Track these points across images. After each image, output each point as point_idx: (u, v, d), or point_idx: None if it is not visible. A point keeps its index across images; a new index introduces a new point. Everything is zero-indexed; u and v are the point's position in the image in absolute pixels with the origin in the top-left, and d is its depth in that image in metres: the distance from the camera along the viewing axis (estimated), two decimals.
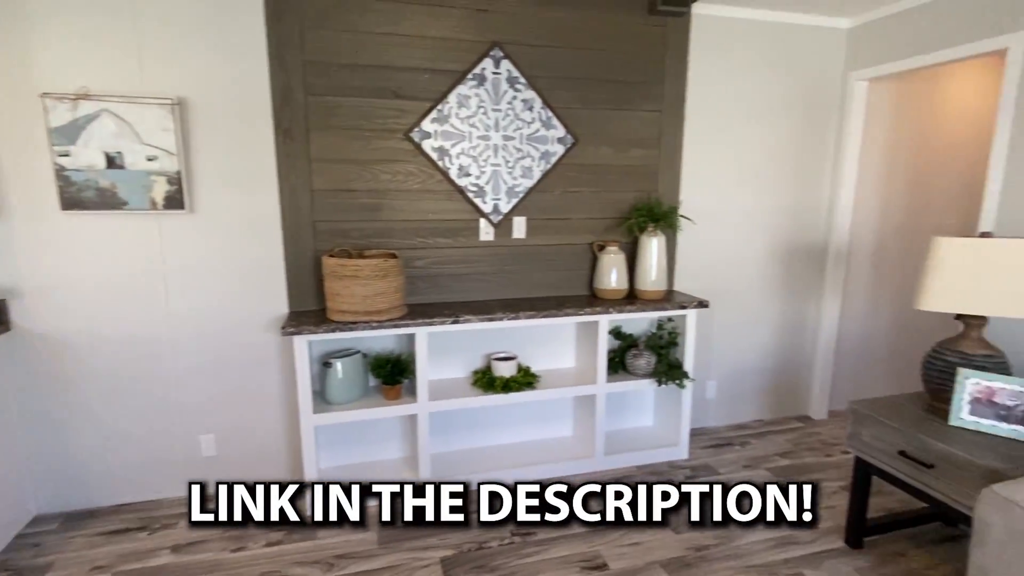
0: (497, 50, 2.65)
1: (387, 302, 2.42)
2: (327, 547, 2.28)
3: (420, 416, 2.58)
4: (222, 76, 2.39)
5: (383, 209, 2.66)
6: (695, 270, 3.22)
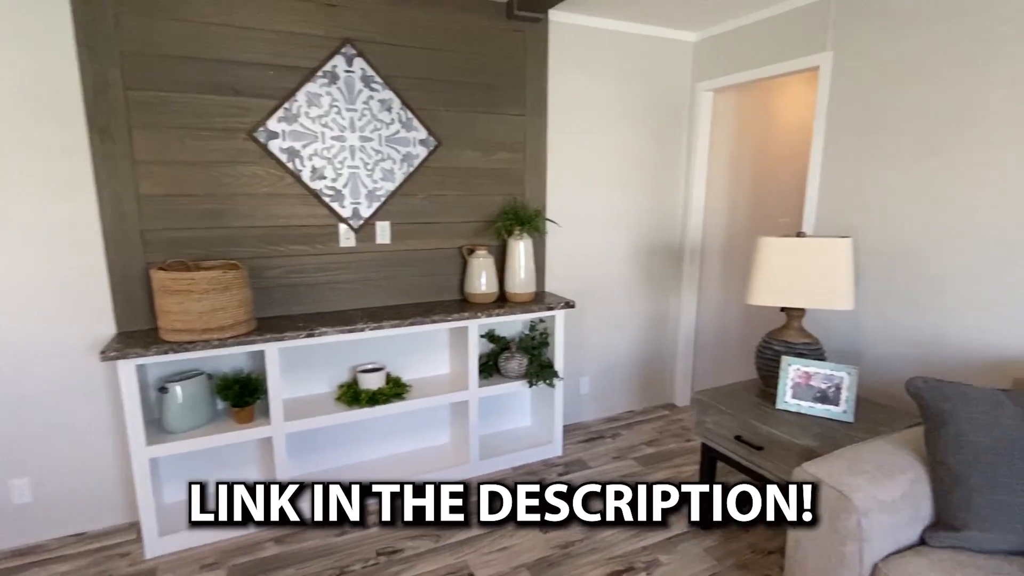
0: (349, 47, 2.53)
1: (230, 317, 2.22)
2: None
3: (275, 439, 2.41)
4: (19, 68, 2.05)
5: (227, 215, 2.45)
6: (565, 271, 3.30)
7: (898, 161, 2.37)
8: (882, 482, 1.61)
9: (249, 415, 2.42)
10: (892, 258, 2.42)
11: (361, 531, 2.42)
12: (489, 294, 2.87)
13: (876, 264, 2.48)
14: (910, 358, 2.39)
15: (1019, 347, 2.03)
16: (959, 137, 2.14)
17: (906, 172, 2.34)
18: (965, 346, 2.19)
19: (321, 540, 2.37)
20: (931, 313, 2.29)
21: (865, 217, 2.52)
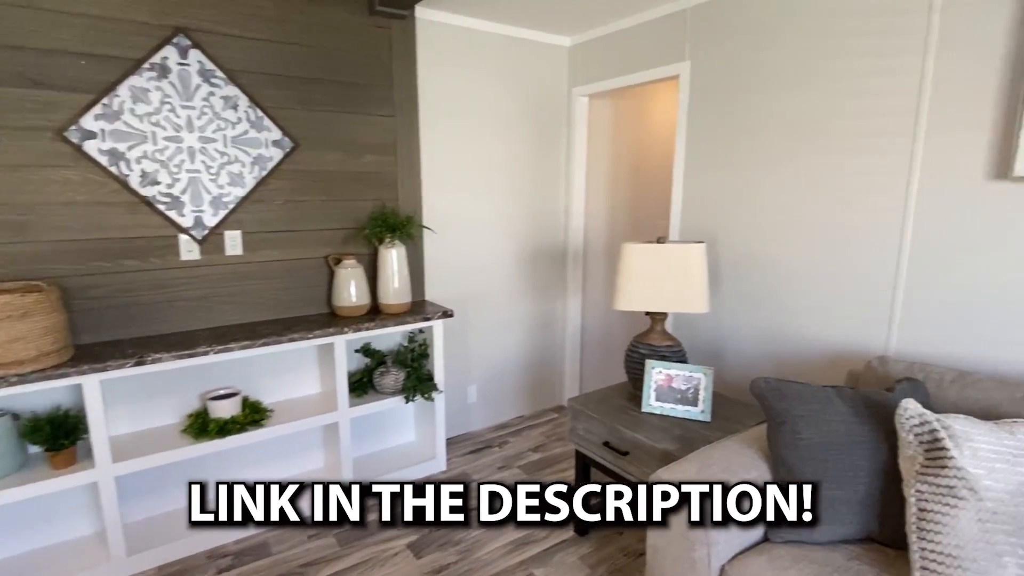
0: (182, 37, 2.26)
1: (33, 348, 1.90)
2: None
3: (102, 483, 2.09)
4: None
5: (34, 228, 2.10)
6: (447, 278, 3.20)
7: (749, 168, 2.49)
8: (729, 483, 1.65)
9: (69, 459, 2.09)
10: (746, 261, 2.54)
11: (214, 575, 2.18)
12: (359, 306, 2.69)
13: (732, 267, 2.60)
14: (763, 356, 2.52)
15: (850, 342, 2.19)
16: (804, 145, 2.28)
17: (756, 178, 2.46)
18: (809, 343, 2.33)
19: None
20: (779, 313, 2.43)
21: (722, 222, 2.63)
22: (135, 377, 2.35)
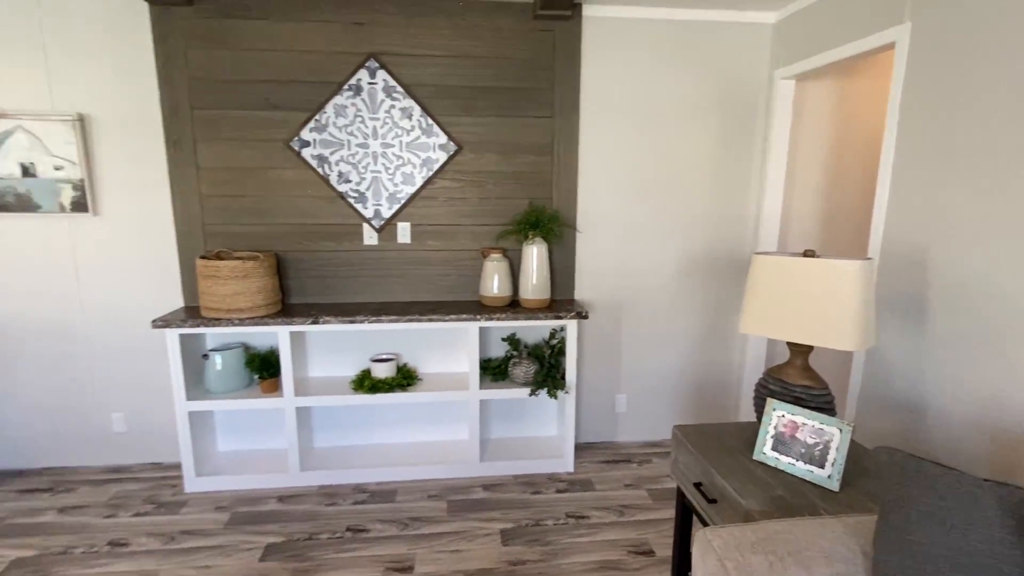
0: (372, 61, 2.74)
1: (248, 301, 2.60)
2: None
3: (287, 410, 2.74)
4: (118, 94, 2.67)
5: (269, 213, 2.85)
6: (600, 280, 3.13)
7: (988, 166, 1.79)
8: (786, 571, 1.29)
9: (273, 386, 2.79)
10: (971, 292, 1.84)
11: (348, 506, 2.64)
12: (500, 297, 2.86)
13: (950, 298, 1.91)
14: (977, 428, 1.80)
15: None
16: None
17: (1001, 182, 1.76)
18: None
19: (311, 507, 2.64)
20: (1017, 369, 1.70)
21: (941, 236, 1.95)
22: (321, 333, 2.98)
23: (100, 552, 2.31)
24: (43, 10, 2.57)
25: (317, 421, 3.07)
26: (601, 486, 2.84)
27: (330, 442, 3.10)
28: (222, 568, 2.21)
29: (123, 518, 2.54)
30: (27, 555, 2.29)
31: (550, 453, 3.03)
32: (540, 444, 3.14)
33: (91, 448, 2.99)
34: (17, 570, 2.20)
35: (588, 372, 3.23)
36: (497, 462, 2.93)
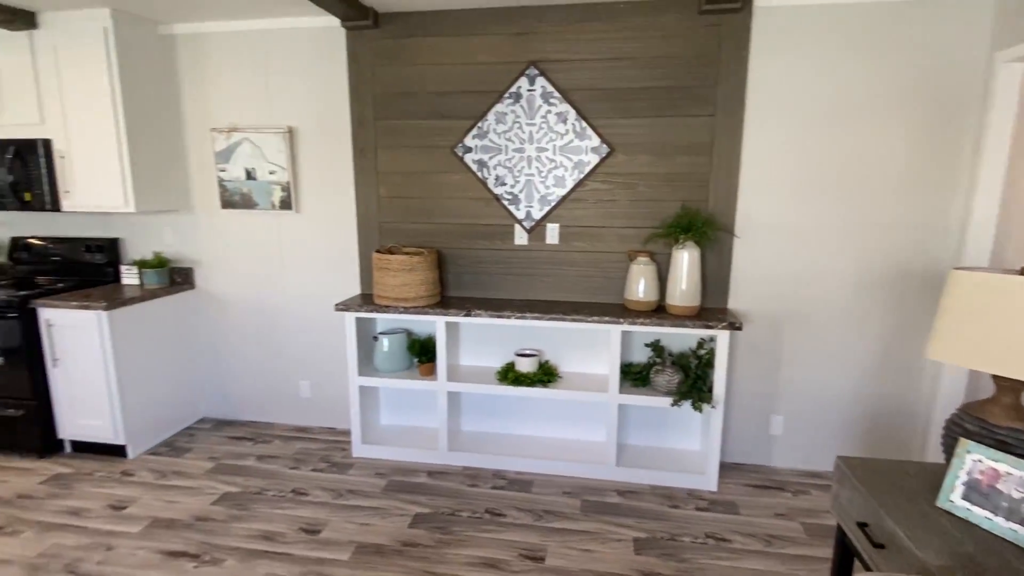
0: (532, 69, 2.86)
1: (413, 292, 2.88)
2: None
3: (439, 393, 2.98)
4: (317, 108, 3.12)
5: (433, 213, 3.12)
6: (758, 289, 2.91)
7: None
8: None
9: (429, 370, 3.06)
10: None
11: (488, 490, 2.80)
12: (645, 302, 2.81)
13: None
14: None
15: None
16: None
17: None
18: None
19: (455, 485, 2.85)
20: None
21: None
22: (472, 325, 3.18)
23: (286, 497, 2.73)
24: (268, 43, 3.10)
25: (466, 406, 3.29)
26: (747, 511, 2.65)
27: (476, 427, 3.31)
28: (377, 528, 2.49)
29: (303, 471, 2.98)
30: (233, 490, 2.79)
31: (691, 468, 2.90)
32: (680, 457, 3.02)
33: (283, 408, 3.55)
34: (226, 501, 2.69)
35: (739, 387, 3.03)
36: (634, 469, 2.89)
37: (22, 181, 3.09)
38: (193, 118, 3.26)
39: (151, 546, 2.36)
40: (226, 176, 3.25)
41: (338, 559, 2.28)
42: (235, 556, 2.29)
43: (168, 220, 3.43)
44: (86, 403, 3.03)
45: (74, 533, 2.44)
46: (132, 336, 3.07)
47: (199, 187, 3.34)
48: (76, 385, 3.02)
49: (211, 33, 3.15)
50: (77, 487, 2.81)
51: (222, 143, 3.21)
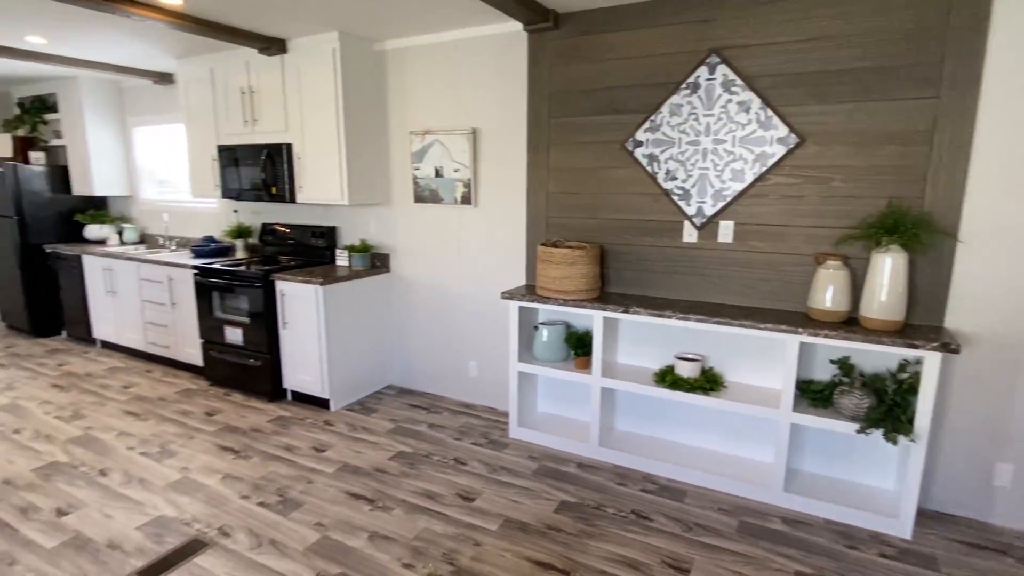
0: (713, 56, 2.70)
1: (572, 285, 2.93)
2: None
3: (593, 387, 3.00)
4: (498, 110, 3.34)
5: (599, 209, 3.14)
6: (990, 307, 2.39)
7: None
8: None
9: (585, 364, 3.10)
10: None
11: (636, 491, 2.74)
12: (833, 312, 2.49)
13: None
14: None
15: None
16: None
17: None
18: None
19: (603, 480, 2.84)
20: None
21: None
22: (631, 323, 3.12)
23: (448, 463, 3.00)
24: (459, 52, 3.40)
25: (620, 404, 3.26)
26: (950, 569, 2.20)
27: (629, 426, 3.26)
28: (524, 507, 2.60)
29: (465, 443, 3.23)
30: (407, 450, 3.15)
31: (879, 508, 2.50)
32: (865, 493, 2.62)
33: (454, 384, 3.88)
34: (400, 458, 3.05)
35: (952, 423, 2.52)
36: (805, 498, 2.58)
37: (271, 178, 3.85)
38: (395, 123, 3.73)
39: (339, 486, 2.78)
40: (419, 174, 3.66)
41: (487, 528, 2.44)
42: (402, 507, 2.59)
43: (373, 212, 3.97)
44: (304, 361, 3.67)
45: (286, 465, 2.98)
46: (339, 308, 3.63)
47: (398, 184, 3.81)
48: (298, 345, 3.68)
49: (413, 47, 3.56)
50: (292, 428, 3.42)
51: (417, 144, 3.62)
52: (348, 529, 2.43)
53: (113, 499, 2.65)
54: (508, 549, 2.31)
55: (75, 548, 2.29)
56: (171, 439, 3.27)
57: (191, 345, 4.27)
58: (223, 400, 3.86)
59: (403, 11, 3.00)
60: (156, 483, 2.79)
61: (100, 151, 5.14)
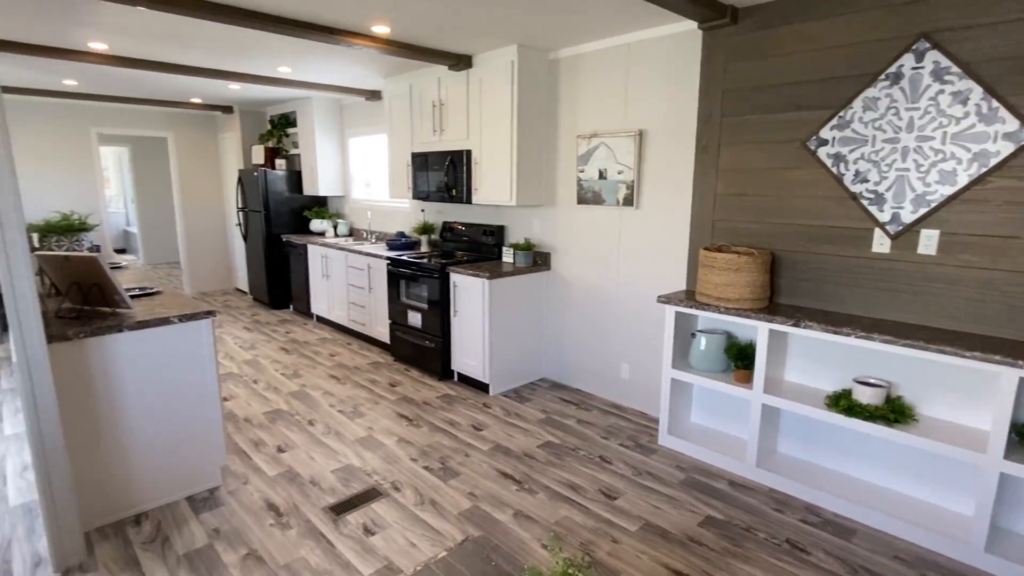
0: (922, 42, 2.36)
1: (736, 293, 2.79)
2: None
3: (753, 403, 2.82)
4: (666, 111, 3.30)
5: (771, 212, 2.93)
6: None
7: None
8: None
9: (745, 377, 2.93)
10: None
11: (795, 520, 2.53)
12: None
13: None
14: None
15: None
16: None
17: None
18: None
19: (757, 503, 2.67)
20: None
21: None
22: (802, 338, 2.86)
23: (593, 459, 3.07)
24: (629, 56, 3.43)
25: (784, 424, 3.01)
26: None
27: (792, 450, 3.00)
28: (668, 515, 2.57)
29: (612, 443, 3.27)
30: (554, 441, 3.29)
31: None
32: None
33: (604, 384, 3.93)
34: (547, 447, 3.20)
35: None
36: (1013, 564, 2.14)
37: (452, 181, 4.28)
38: (564, 127, 3.89)
39: (491, 463, 3.02)
40: (583, 176, 3.77)
41: (626, 528, 2.47)
42: (545, 493, 2.74)
43: (537, 213, 4.19)
44: (470, 347, 4.03)
45: (448, 438, 3.32)
46: (503, 301, 3.92)
47: (562, 186, 3.98)
48: (465, 332, 4.05)
49: (584, 53, 3.68)
50: (455, 406, 3.79)
51: (583, 147, 3.74)
52: (496, 503, 2.65)
53: (316, 445, 3.22)
54: (645, 552, 2.31)
55: (288, 479, 2.85)
56: (361, 402, 3.85)
57: (381, 324, 4.95)
58: (403, 374, 4.41)
59: (582, 21, 3.13)
60: (348, 436, 3.33)
61: (324, 158, 6.18)
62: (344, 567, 2.20)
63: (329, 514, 2.55)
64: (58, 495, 2.12)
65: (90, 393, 2.32)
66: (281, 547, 2.32)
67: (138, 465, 2.49)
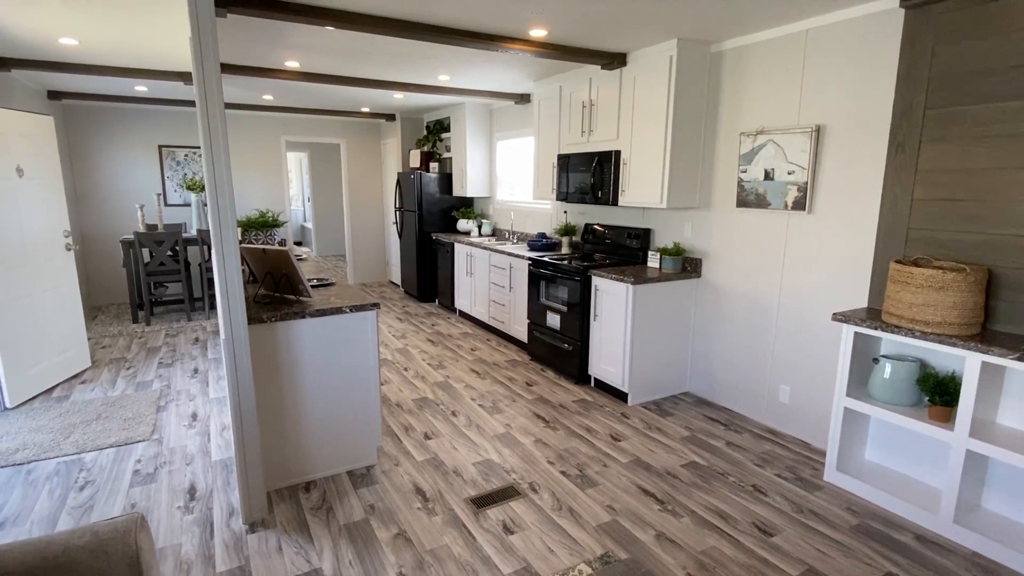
0: None
1: (938, 315, 2.37)
2: None
3: (954, 447, 2.37)
4: (850, 103, 2.90)
5: (989, 221, 2.44)
6: None
7: None
8: None
9: (943, 416, 2.48)
10: None
11: None
12: None
13: None
14: None
15: None
16: None
17: None
18: None
19: (954, 566, 2.24)
20: None
21: None
22: None
23: (744, 488, 2.81)
24: (806, 44, 3.08)
25: (994, 476, 2.50)
26: None
27: (1002, 508, 2.47)
28: (838, 564, 2.25)
29: (767, 472, 2.96)
30: (700, 462, 3.07)
31: None
32: None
33: (758, 406, 3.59)
34: (692, 468, 2.99)
35: None
36: None
37: (598, 182, 4.20)
38: (725, 125, 3.62)
39: (631, 477, 2.90)
40: (746, 177, 3.47)
41: (786, 571, 2.21)
42: (691, 517, 2.55)
43: (689, 216, 3.95)
44: (609, 353, 3.93)
45: (585, 445, 3.25)
46: (647, 308, 3.75)
47: (719, 187, 3.70)
48: (605, 337, 3.95)
49: (752, 44, 3.38)
50: (592, 412, 3.71)
51: (747, 146, 3.44)
52: (637, 521, 2.53)
53: (459, 436, 3.35)
54: None
55: (433, 466, 2.99)
56: (500, 398, 3.93)
57: (520, 323, 5.03)
58: (539, 375, 4.43)
59: (756, 6, 2.87)
60: (488, 431, 3.41)
61: (473, 161, 6.44)
62: (484, 562, 2.24)
63: (471, 506, 2.62)
64: (249, 455, 2.42)
65: (277, 370, 2.63)
66: (427, 532, 2.43)
67: (310, 437, 2.78)
